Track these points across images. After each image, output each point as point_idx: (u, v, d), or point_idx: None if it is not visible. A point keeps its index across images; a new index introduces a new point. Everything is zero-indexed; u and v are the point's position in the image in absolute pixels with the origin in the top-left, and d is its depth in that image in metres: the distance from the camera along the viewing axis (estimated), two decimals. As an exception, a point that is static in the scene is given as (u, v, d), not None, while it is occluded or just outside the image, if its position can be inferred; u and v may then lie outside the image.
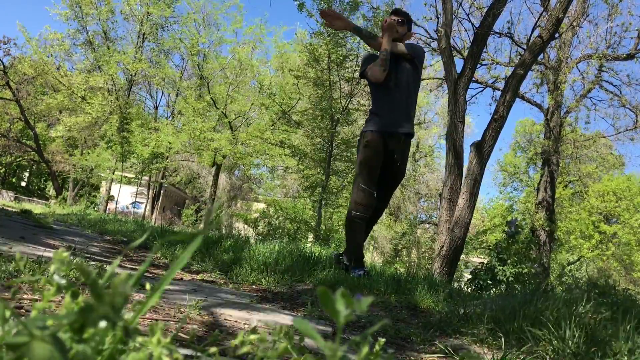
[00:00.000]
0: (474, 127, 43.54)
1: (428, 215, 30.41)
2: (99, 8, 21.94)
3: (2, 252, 2.14)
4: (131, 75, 22.38)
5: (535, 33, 7.81)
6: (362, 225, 3.52)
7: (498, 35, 13.54)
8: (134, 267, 3.10)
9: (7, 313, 0.38)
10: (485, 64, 14.70)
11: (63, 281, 0.42)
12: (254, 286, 2.81)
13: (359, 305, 0.41)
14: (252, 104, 18.44)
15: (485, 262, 5.72)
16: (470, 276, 5.67)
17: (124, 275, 0.39)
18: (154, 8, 20.80)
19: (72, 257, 0.50)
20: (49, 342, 0.32)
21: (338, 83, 13.56)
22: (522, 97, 15.61)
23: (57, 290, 0.43)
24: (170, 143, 18.49)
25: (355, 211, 3.48)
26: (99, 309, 0.36)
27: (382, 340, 0.55)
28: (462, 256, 14.78)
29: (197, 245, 0.45)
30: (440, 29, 7.83)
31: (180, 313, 1.58)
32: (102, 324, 0.37)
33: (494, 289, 4.98)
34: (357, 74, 13.60)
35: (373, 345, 0.49)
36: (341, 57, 13.22)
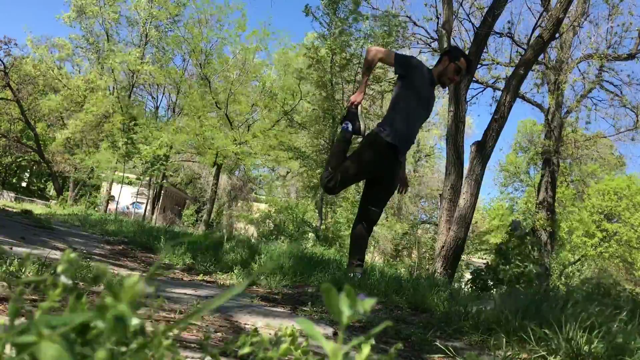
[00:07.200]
0: (474, 128, 43.46)
1: (429, 216, 30.45)
2: (104, 10, 22.03)
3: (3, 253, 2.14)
4: (133, 75, 22.42)
5: (536, 33, 7.81)
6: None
7: (498, 35, 13.54)
8: (136, 267, 3.11)
9: (14, 312, 0.38)
10: (486, 64, 14.70)
11: (69, 281, 0.42)
12: (255, 287, 2.81)
13: (363, 306, 0.41)
14: (253, 105, 18.44)
15: (487, 261, 5.71)
16: (470, 276, 5.65)
17: (136, 276, 0.39)
18: (160, 12, 20.88)
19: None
20: (58, 342, 0.32)
21: (340, 85, 13.58)
22: (523, 98, 15.60)
23: (62, 290, 0.43)
24: (170, 141, 18.50)
25: (328, 182, 3.47)
26: (115, 308, 0.36)
27: (399, 344, 0.55)
28: (463, 257, 14.77)
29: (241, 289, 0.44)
30: (440, 29, 7.84)
31: (180, 313, 1.59)
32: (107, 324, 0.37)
33: (495, 289, 4.97)
34: (359, 77, 13.63)
35: (375, 348, 0.50)
36: (344, 60, 13.23)
